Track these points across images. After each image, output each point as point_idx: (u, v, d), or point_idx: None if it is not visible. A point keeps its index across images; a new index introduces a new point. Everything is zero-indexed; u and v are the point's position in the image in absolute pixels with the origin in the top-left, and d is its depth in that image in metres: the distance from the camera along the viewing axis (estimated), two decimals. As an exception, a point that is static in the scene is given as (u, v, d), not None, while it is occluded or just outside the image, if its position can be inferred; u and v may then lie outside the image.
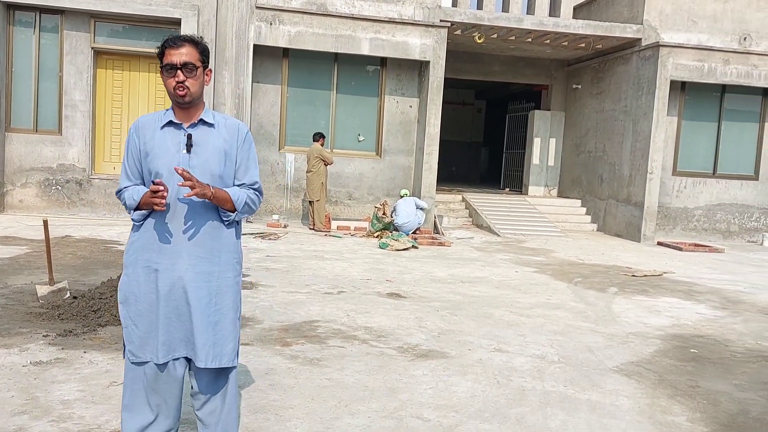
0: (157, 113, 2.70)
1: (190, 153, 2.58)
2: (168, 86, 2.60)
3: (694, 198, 13.47)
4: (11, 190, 11.41)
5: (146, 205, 2.55)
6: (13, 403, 3.42)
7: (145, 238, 2.60)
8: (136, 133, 2.65)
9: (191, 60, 2.58)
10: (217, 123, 2.66)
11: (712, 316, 6.60)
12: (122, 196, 2.67)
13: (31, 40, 11.39)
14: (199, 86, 2.61)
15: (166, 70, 2.59)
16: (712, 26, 13.08)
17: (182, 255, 2.57)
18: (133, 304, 2.61)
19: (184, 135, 2.60)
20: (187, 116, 2.63)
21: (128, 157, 2.68)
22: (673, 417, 3.82)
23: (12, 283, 6.13)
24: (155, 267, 2.57)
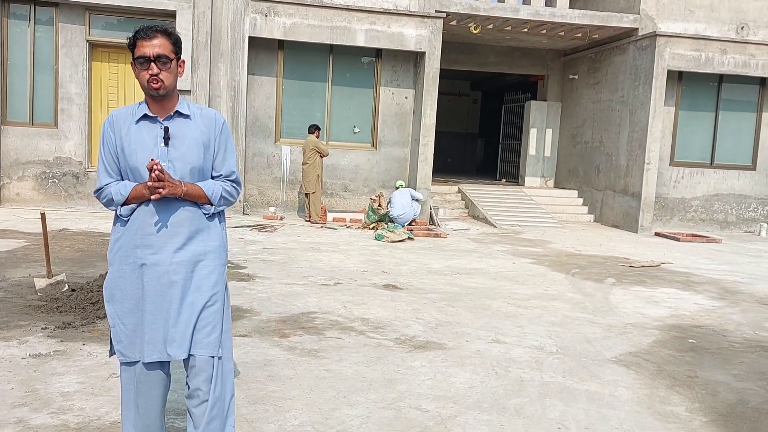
0: (130, 107, 2.62)
1: (168, 146, 2.54)
2: (141, 79, 2.53)
3: (692, 188, 13.49)
4: (8, 183, 11.37)
5: (137, 199, 2.51)
6: (13, 395, 3.42)
7: (130, 234, 2.55)
8: (110, 127, 2.58)
9: (164, 52, 2.51)
10: (193, 114, 2.61)
11: (710, 307, 6.62)
12: (105, 193, 2.59)
13: (26, 33, 11.32)
14: (173, 78, 2.55)
15: (139, 63, 2.52)
16: (709, 15, 13.05)
17: (167, 248, 2.53)
18: (119, 301, 2.57)
19: (161, 128, 2.55)
20: (162, 108, 2.57)
21: (105, 153, 2.60)
22: (672, 407, 3.84)
23: (10, 276, 6.12)
24: (141, 262, 2.53)
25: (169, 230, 2.54)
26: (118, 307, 2.57)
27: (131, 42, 2.53)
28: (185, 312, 2.54)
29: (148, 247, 2.52)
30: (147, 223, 2.53)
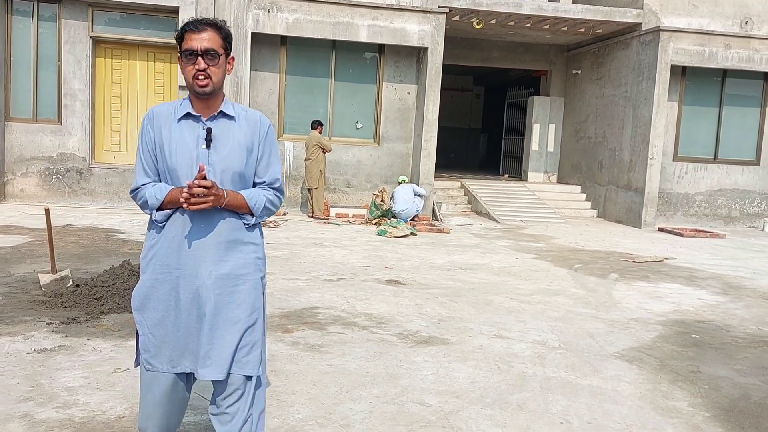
0: (172, 103, 2.45)
1: (209, 148, 2.35)
2: (186, 74, 2.35)
3: (695, 183, 13.47)
4: (12, 179, 11.40)
5: (173, 204, 2.33)
6: (19, 390, 3.45)
7: (166, 241, 2.38)
8: (150, 124, 2.41)
9: (213, 46, 2.33)
10: (238, 115, 2.43)
11: (714, 302, 6.62)
12: (140, 195, 2.40)
13: (29, 30, 11.34)
14: (221, 75, 2.37)
15: (186, 57, 2.34)
16: (713, 10, 13.00)
17: (206, 259, 2.36)
18: (150, 311, 2.41)
19: (203, 128, 2.37)
20: (206, 108, 2.39)
21: (143, 151, 2.42)
22: (675, 402, 3.85)
23: (15, 271, 6.14)
24: (176, 273, 2.36)
25: (207, 241, 2.36)
26: (148, 316, 2.42)
27: (179, 35, 2.38)
28: (224, 330, 2.37)
29: (183, 257, 2.36)
30: (184, 233, 2.36)
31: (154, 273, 2.40)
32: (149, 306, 2.42)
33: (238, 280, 2.40)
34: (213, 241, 2.37)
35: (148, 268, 2.42)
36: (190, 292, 2.36)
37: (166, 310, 2.40)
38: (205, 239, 2.37)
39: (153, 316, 2.42)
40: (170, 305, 2.39)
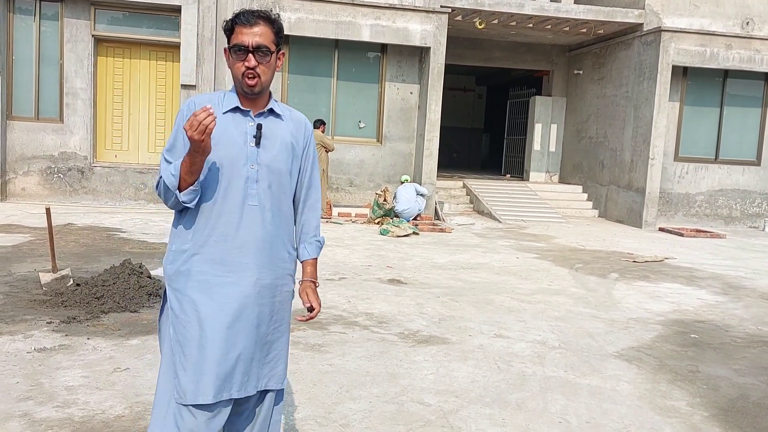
0: (213, 95, 2.27)
1: (259, 146, 2.19)
2: (235, 71, 2.18)
3: (696, 184, 13.46)
4: (13, 178, 11.42)
5: (192, 170, 2.06)
6: (19, 389, 3.46)
7: (201, 243, 2.16)
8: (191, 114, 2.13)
9: (265, 42, 2.15)
10: (284, 115, 2.29)
11: (713, 302, 6.62)
12: (161, 186, 2.16)
13: (31, 28, 11.36)
14: (271, 74, 2.21)
15: (235, 53, 2.16)
16: (714, 11, 12.99)
17: (250, 266, 2.17)
18: (183, 326, 2.14)
19: (251, 125, 2.20)
20: (253, 105, 2.24)
21: (175, 143, 2.18)
22: (673, 402, 3.85)
23: (16, 270, 6.16)
24: (217, 282, 2.14)
25: (251, 245, 2.18)
26: (181, 333, 2.14)
27: (228, 26, 2.19)
28: (260, 344, 2.20)
29: (226, 264, 2.16)
30: (225, 235, 2.16)
31: (189, 281, 2.16)
32: (182, 320, 2.15)
33: (275, 290, 2.24)
34: (257, 244, 2.19)
35: (181, 275, 2.17)
36: (235, 304, 2.15)
37: (205, 327, 2.13)
38: (249, 243, 2.18)
39: (185, 334, 2.14)
40: (210, 323, 2.13)
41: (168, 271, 2.22)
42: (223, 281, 2.15)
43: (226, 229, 2.16)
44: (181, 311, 2.15)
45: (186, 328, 2.13)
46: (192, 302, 2.14)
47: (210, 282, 2.15)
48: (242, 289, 2.16)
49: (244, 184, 2.17)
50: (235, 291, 2.15)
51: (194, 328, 2.12)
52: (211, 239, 2.16)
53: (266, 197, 2.21)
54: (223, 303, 2.14)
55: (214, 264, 2.16)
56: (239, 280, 2.16)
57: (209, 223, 2.17)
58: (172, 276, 2.20)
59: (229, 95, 2.24)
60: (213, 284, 2.15)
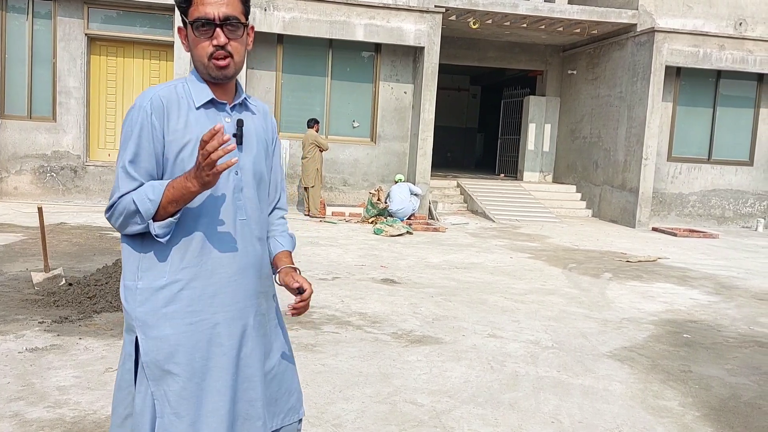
0: (173, 84, 1.80)
1: (240, 146, 1.82)
2: (199, 53, 1.75)
3: (689, 184, 13.51)
4: (6, 177, 11.37)
5: (179, 200, 1.66)
6: (10, 389, 3.44)
7: (189, 276, 1.74)
8: (155, 114, 1.73)
9: (234, 12, 1.75)
10: (253, 105, 1.94)
11: (706, 302, 6.65)
12: (122, 206, 1.71)
13: (24, 27, 11.30)
14: (243, 52, 1.80)
15: (197, 28, 1.74)
16: (707, 11, 13.04)
17: (251, 291, 1.84)
18: (178, 380, 1.73)
19: (228, 120, 1.82)
20: (223, 93, 1.83)
21: (139, 151, 1.72)
22: (665, 401, 3.87)
23: (7, 270, 6.13)
24: (213, 320, 1.76)
25: (249, 269, 1.84)
26: (172, 390, 1.73)
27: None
28: (267, 381, 1.90)
29: (222, 296, 1.78)
30: (224, 260, 1.78)
31: (174, 326, 1.74)
32: (174, 371, 1.74)
33: (269, 311, 1.95)
34: (254, 267, 1.87)
35: (162, 319, 1.73)
36: (236, 343, 1.80)
37: (195, 375, 1.76)
38: (247, 267, 1.84)
39: (179, 388, 1.75)
40: (202, 368, 1.77)
41: (138, 315, 1.74)
42: (222, 319, 1.78)
43: (221, 253, 1.78)
44: (168, 362, 1.72)
45: (179, 384, 1.73)
46: (185, 352, 1.73)
47: (206, 322, 1.76)
48: (243, 323, 1.82)
49: (231, 195, 1.79)
50: (237, 328, 1.80)
51: (190, 382, 1.74)
52: (203, 269, 1.76)
53: (252, 208, 1.86)
54: (225, 346, 1.78)
55: (211, 299, 1.77)
56: (240, 314, 1.82)
57: (196, 248, 1.75)
58: (146, 321, 1.73)
59: (195, 85, 1.80)
60: (210, 325, 1.76)
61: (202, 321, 1.75)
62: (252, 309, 1.85)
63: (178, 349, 1.73)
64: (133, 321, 1.76)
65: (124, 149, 1.74)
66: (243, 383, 1.82)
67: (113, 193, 1.75)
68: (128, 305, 1.77)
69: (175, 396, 1.74)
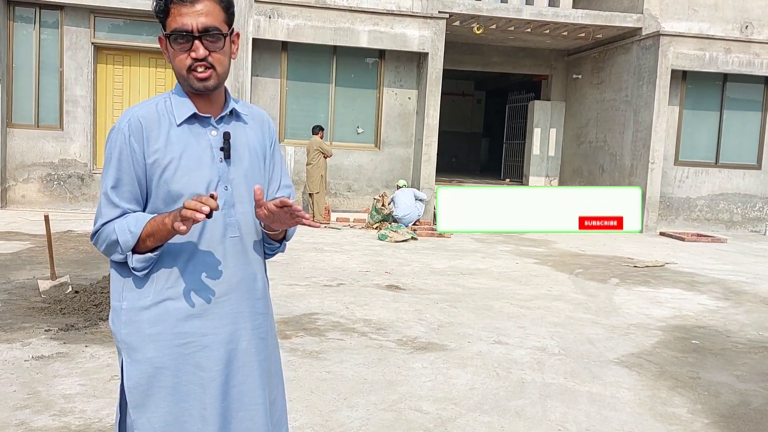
0: (154, 102, 1.75)
1: (228, 160, 1.73)
2: (179, 66, 1.68)
3: (697, 188, 13.44)
4: (13, 185, 11.43)
5: (158, 237, 1.63)
6: (16, 397, 3.44)
7: (173, 296, 1.68)
8: (134, 136, 1.68)
9: (214, 23, 1.66)
10: (245, 115, 1.84)
11: (714, 307, 6.60)
12: (104, 235, 1.68)
13: (31, 36, 11.38)
14: (227, 63, 1.73)
15: (174, 40, 1.66)
16: (713, 15, 13.00)
17: (245, 313, 1.75)
18: (159, 408, 1.67)
19: (214, 134, 1.74)
20: (209, 105, 1.75)
21: (120, 175, 1.68)
22: (674, 408, 3.83)
23: (14, 278, 6.15)
24: (202, 342, 1.68)
25: (241, 288, 1.75)
26: (156, 416, 1.66)
27: (161, 6, 1.67)
28: (270, 410, 1.81)
29: (211, 316, 1.70)
30: (210, 281, 1.70)
31: (159, 349, 1.67)
32: (157, 399, 1.67)
33: (267, 334, 1.84)
34: (247, 286, 1.77)
35: (146, 342, 1.67)
36: (224, 365, 1.71)
37: (181, 402, 1.68)
38: (239, 286, 1.75)
39: (161, 414, 1.67)
40: (197, 393, 1.68)
41: (122, 336, 1.69)
42: (211, 342, 1.70)
43: (209, 272, 1.70)
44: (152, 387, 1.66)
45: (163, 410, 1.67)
46: (171, 375, 1.67)
47: (194, 345, 1.68)
48: (233, 347, 1.73)
49: (221, 211, 1.69)
50: (226, 352, 1.71)
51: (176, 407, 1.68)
52: (189, 289, 1.68)
53: (247, 223, 1.78)
54: (214, 371, 1.69)
55: (198, 321, 1.69)
56: (230, 337, 1.72)
57: (182, 267, 1.69)
58: (130, 343, 1.68)
59: (178, 100, 1.74)
60: (198, 347, 1.68)
61: (190, 343, 1.68)
62: (246, 332, 1.76)
63: (162, 371, 1.66)
64: (119, 343, 1.72)
65: (106, 174, 1.71)
66: (238, 412, 1.73)
67: (96, 219, 1.72)
68: (114, 326, 1.73)
69: (161, 423, 1.67)
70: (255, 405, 1.75)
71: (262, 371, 1.78)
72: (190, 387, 1.68)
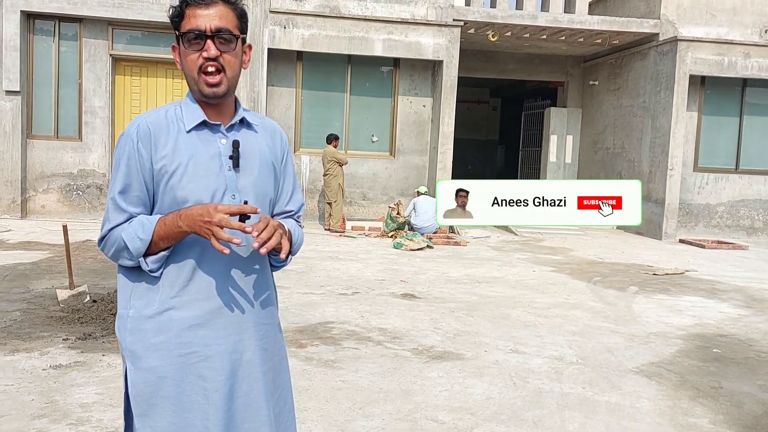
0: (164, 109, 1.77)
1: (237, 168, 1.73)
2: (190, 66, 1.69)
3: (717, 194, 13.27)
4: (33, 195, 11.57)
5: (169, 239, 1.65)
6: (33, 406, 3.46)
7: (178, 305, 1.68)
8: (141, 142, 1.69)
9: (227, 25, 1.69)
10: (256, 125, 1.84)
11: (736, 315, 6.49)
12: (112, 240, 1.71)
13: (50, 49, 11.55)
14: (237, 68, 1.73)
15: (188, 41, 1.68)
16: (731, 19, 12.87)
17: (249, 323, 1.74)
18: (162, 417, 1.67)
19: (223, 142, 1.74)
20: (218, 114, 1.76)
21: (129, 181, 1.69)
22: (695, 419, 3.76)
23: (34, 287, 6.21)
24: (205, 353, 1.68)
25: (245, 298, 1.75)
26: (159, 425, 1.67)
27: (177, 11, 1.70)
28: (276, 422, 1.80)
29: (215, 326, 1.70)
30: (215, 289, 1.70)
31: (164, 358, 1.67)
32: (160, 408, 1.68)
33: (275, 345, 1.84)
34: (253, 296, 1.76)
35: (149, 350, 1.67)
36: (229, 377, 1.70)
37: (184, 411, 1.67)
38: (243, 295, 1.74)
39: (164, 423, 1.68)
40: (200, 403, 1.67)
41: (127, 344, 1.70)
42: (215, 352, 1.69)
43: (214, 282, 1.70)
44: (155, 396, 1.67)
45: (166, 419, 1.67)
46: (174, 385, 1.67)
47: (197, 355, 1.68)
48: (237, 357, 1.72)
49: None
50: (230, 363, 1.71)
51: (179, 417, 1.67)
52: (194, 298, 1.69)
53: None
54: (217, 381, 1.68)
55: (202, 331, 1.69)
56: (234, 347, 1.72)
57: (187, 276, 1.70)
58: (135, 351, 1.69)
59: (188, 107, 1.75)
60: (201, 357, 1.68)
61: (193, 353, 1.67)
62: (250, 342, 1.75)
63: (165, 381, 1.67)
64: (124, 351, 1.73)
65: (114, 179, 1.73)
66: (243, 424, 1.72)
67: (103, 224, 1.74)
68: (119, 334, 1.74)
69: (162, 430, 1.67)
70: (260, 416, 1.74)
71: (266, 382, 1.77)
72: (193, 397, 1.67)
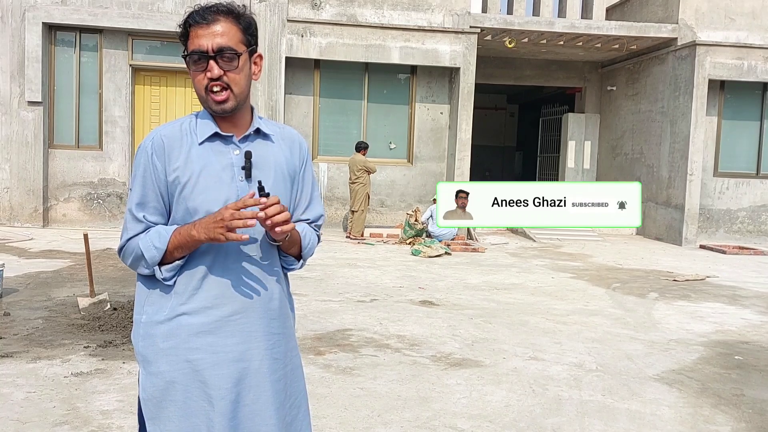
0: (180, 122, 1.81)
1: (249, 179, 1.74)
2: (197, 86, 1.74)
3: (737, 199, 13.10)
4: (55, 204, 11.75)
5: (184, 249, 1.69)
6: (55, 413, 3.51)
7: (189, 312, 1.72)
8: (156, 154, 1.73)
9: (229, 43, 1.69)
10: (273, 134, 1.85)
11: (758, 322, 6.39)
12: (130, 250, 1.76)
13: (72, 59, 11.74)
14: (244, 83, 1.75)
15: (192, 61, 1.72)
16: (750, 23, 12.73)
17: (258, 332, 1.75)
18: (172, 420, 1.70)
19: (236, 153, 1.76)
20: (232, 126, 1.79)
21: (145, 192, 1.74)
22: (717, 427, 3.71)
23: (55, 295, 6.30)
24: (213, 360, 1.70)
25: (257, 306, 1.75)
26: (167, 429, 1.71)
27: (182, 31, 1.74)
28: (275, 430, 1.78)
29: (225, 333, 1.72)
30: (225, 298, 1.72)
31: (174, 363, 1.70)
32: (170, 412, 1.71)
33: (287, 354, 1.84)
34: (263, 304, 1.77)
35: (160, 354, 1.71)
36: (236, 383, 1.72)
37: (194, 416, 1.70)
38: (255, 303, 1.75)
39: (175, 428, 1.71)
40: (207, 409, 1.70)
41: (139, 349, 1.75)
42: (222, 360, 1.71)
43: (224, 290, 1.72)
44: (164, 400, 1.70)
45: (174, 424, 1.70)
46: (182, 390, 1.70)
47: (204, 361, 1.70)
48: (244, 365, 1.73)
49: (240, 230, 1.68)
50: (236, 371, 1.72)
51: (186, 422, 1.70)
52: (203, 305, 1.72)
53: (264, 242, 1.78)
54: (224, 389, 1.70)
55: (211, 338, 1.71)
56: (242, 356, 1.73)
57: (198, 284, 1.73)
58: (146, 356, 1.73)
59: (203, 119, 1.79)
60: (208, 364, 1.70)
61: (200, 360, 1.70)
62: (258, 351, 1.75)
63: (173, 386, 1.70)
64: (137, 356, 1.80)
65: (132, 191, 1.79)
66: (248, 428, 1.73)
67: (122, 234, 1.79)
68: (133, 339, 1.81)
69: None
70: (267, 426, 1.75)
71: (275, 392, 1.78)
72: (199, 403, 1.70)
